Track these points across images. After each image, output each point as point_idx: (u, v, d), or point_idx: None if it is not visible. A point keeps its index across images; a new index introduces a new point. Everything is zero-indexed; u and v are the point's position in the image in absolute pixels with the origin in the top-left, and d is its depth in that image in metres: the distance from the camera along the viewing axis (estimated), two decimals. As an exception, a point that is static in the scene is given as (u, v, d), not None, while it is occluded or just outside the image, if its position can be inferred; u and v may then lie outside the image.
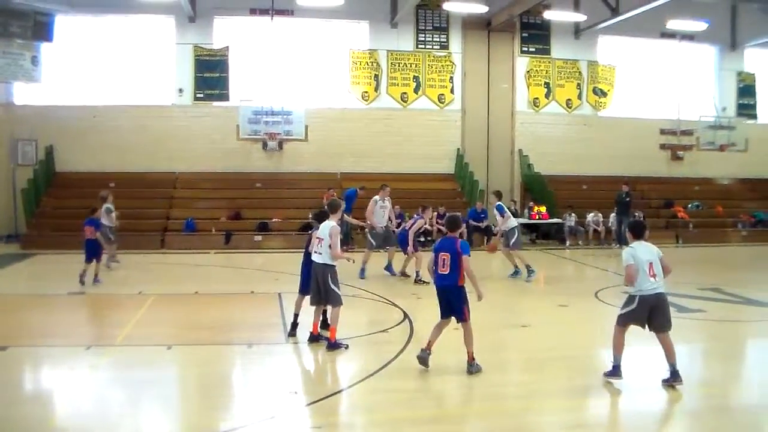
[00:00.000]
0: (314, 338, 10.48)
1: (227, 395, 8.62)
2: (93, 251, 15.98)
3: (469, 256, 9.11)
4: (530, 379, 9.20)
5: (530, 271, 16.98)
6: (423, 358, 9.18)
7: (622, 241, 24.08)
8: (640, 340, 8.94)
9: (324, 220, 10.59)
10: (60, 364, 9.64)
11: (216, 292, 15.28)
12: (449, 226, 9.50)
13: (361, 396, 8.40)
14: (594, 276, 19.45)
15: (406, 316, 12.22)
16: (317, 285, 10.32)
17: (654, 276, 8.76)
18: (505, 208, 17.85)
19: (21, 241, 23.53)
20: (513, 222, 17.73)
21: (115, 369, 9.41)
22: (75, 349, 10.10)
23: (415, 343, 10.36)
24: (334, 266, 10.31)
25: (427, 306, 13.44)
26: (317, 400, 8.08)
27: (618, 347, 8.75)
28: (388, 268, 17.25)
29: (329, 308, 10.62)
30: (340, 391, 8.61)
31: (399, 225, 22.30)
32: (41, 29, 23.16)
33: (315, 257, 10.31)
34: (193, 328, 11.92)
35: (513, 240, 17.45)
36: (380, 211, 17.32)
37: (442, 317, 9.36)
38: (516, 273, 17.29)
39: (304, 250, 10.96)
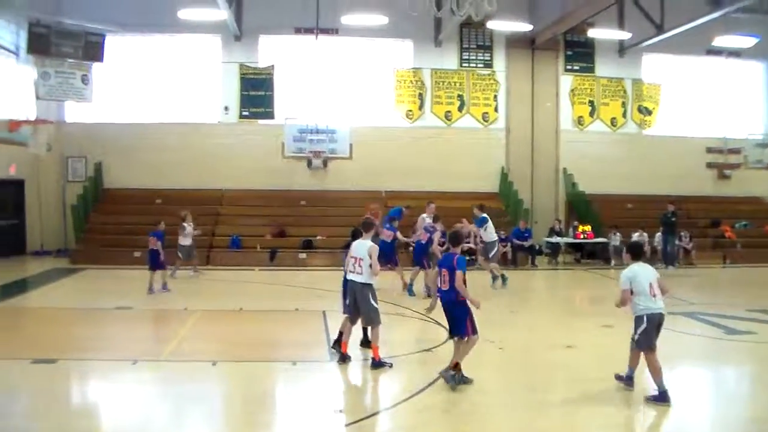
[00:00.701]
0: (344, 358, 10.54)
1: (271, 413, 8.71)
2: (154, 260, 16.79)
3: (464, 272, 9.12)
4: (575, 399, 9.13)
5: (501, 278, 18.20)
6: (457, 380, 9.19)
7: (669, 261, 23.87)
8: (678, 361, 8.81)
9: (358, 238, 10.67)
10: (106, 378, 9.80)
11: (260, 308, 15.41)
12: (451, 241, 9.66)
13: (404, 415, 8.42)
14: (639, 296, 19.24)
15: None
16: (355, 304, 10.44)
17: (655, 296, 8.86)
18: (489, 221, 18.35)
19: (70, 255, 23.93)
20: (494, 236, 18.41)
21: (161, 384, 9.55)
22: (122, 363, 10.24)
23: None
24: (372, 284, 10.45)
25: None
26: (360, 419, 8.11)
27: (656, 372, 8.73)
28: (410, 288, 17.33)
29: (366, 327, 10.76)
30: (383, 410, 8.64)
31: (443, 243, 22.31)
32: (92, 49, 23.60)
33: (353, 276, 10.43)
34: (237, 344, 12.04)
35: (492, 253, 18.27)
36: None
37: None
38: (499, 279, 18.38)
39: (344, 270, 11.02)
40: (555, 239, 25.67)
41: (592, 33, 27.69)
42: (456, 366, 9.18)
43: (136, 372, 9.94)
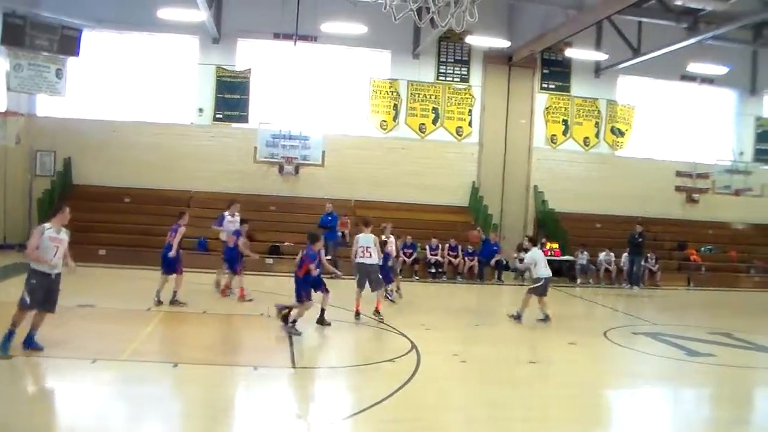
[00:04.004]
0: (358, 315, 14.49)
1: (230, 416, 8.62)
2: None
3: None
4: (537, 416, 9.14)
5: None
6: None
7: (634, 281, 24.11)
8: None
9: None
10: (64, 377, 9.64)
11: (225, 312, 15.29)
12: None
13: (364, 424, 8.39)
14: (603, 315, 19.38)
15: (414, 347, 12.17)
16: (368, 279, 14.77)
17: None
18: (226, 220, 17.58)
19: (34, 251, 23.56)
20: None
21: (120, 384, 9.43)
22: (81, 362, 10.09)
23: (421, 374, 10.34)
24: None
25: (435, 339, 13.47)
26: (320, 427, 8.06)
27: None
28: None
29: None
30: (343, 419, 8.59)
31: (411, 255, 22.44)
32: (68, 43, 23.47)
33: (365, 260, 14.82)
34: (200, 347, 11.95)
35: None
36: None
37: None
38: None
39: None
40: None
41: (570, 53, 27.94)
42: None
43: (95, 371, 9.81)
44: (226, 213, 18.05)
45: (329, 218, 23.06)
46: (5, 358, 9.69)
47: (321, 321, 13.77)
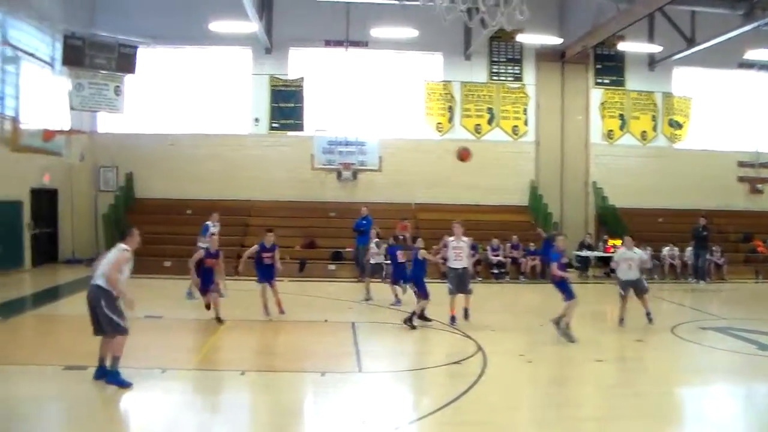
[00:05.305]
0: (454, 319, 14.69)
1: (297, 423, 8.72)
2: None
3: None
4: (606, 415, 9.05)
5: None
6: None
7: (700, 276, 23.69)
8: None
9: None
10: (135, 386, 9.74)
11: (289, 319, 15.40)
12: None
13: (430, 428, 8.40)
14: (670, 311, 19.03)
15: (479, 348, 12.16)
16: (459, 282, 14.76)
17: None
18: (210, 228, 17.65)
19: (101, 264, 24.03)
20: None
21: (189, 393, 9.60)
22: (150, 371, 10.26)
23: (488, 375, 10.32)
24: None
25: (501, 339, 13.42)
26: (386, 431, 8.10)
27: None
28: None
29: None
30: (409, 423, 8.60)
31: (473, 256, 22.29)
32: (125, 61, 24.01)
33: (458, 264, 14.76)
34: (266, 354, 12.11)
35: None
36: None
37: None
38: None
39: None
40: (585, 253, 25.50)
41: (623, 46, 27.61)
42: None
43: (164, 380, 9.98)
44: (209, 222, 18.22)
45: (363, 222, 23.05)
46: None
47: (410, 320, 14.34)
